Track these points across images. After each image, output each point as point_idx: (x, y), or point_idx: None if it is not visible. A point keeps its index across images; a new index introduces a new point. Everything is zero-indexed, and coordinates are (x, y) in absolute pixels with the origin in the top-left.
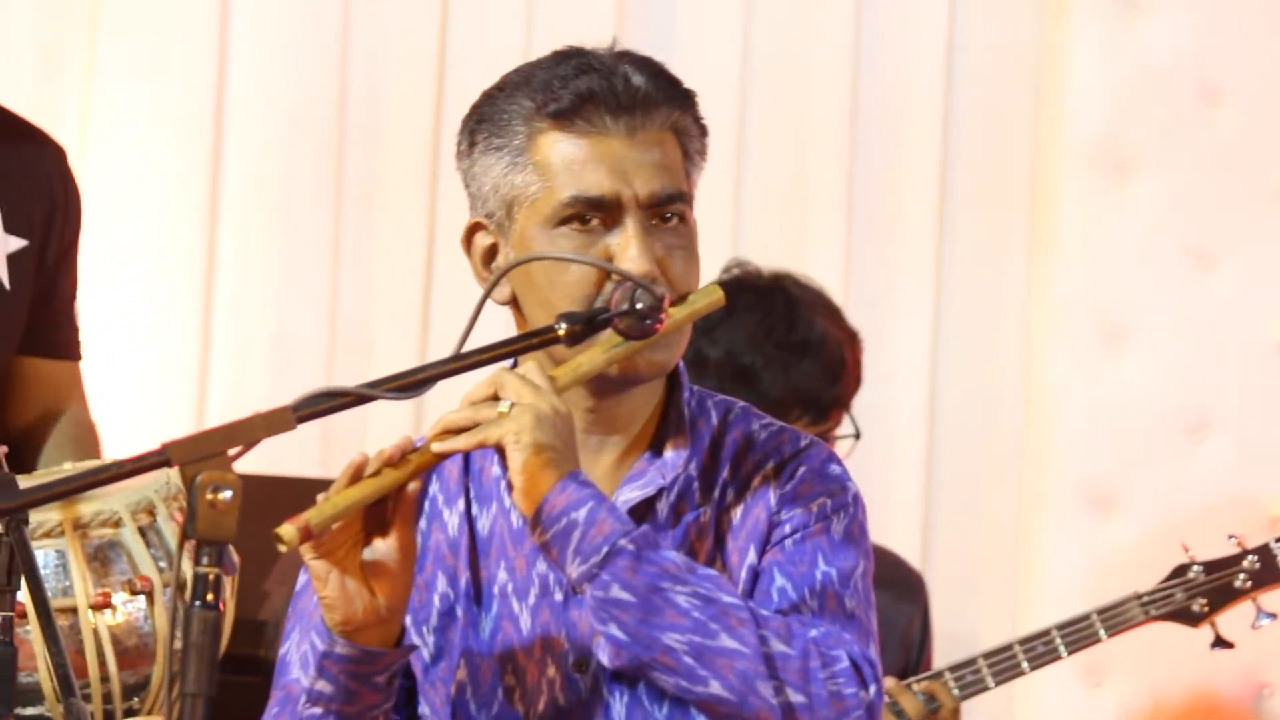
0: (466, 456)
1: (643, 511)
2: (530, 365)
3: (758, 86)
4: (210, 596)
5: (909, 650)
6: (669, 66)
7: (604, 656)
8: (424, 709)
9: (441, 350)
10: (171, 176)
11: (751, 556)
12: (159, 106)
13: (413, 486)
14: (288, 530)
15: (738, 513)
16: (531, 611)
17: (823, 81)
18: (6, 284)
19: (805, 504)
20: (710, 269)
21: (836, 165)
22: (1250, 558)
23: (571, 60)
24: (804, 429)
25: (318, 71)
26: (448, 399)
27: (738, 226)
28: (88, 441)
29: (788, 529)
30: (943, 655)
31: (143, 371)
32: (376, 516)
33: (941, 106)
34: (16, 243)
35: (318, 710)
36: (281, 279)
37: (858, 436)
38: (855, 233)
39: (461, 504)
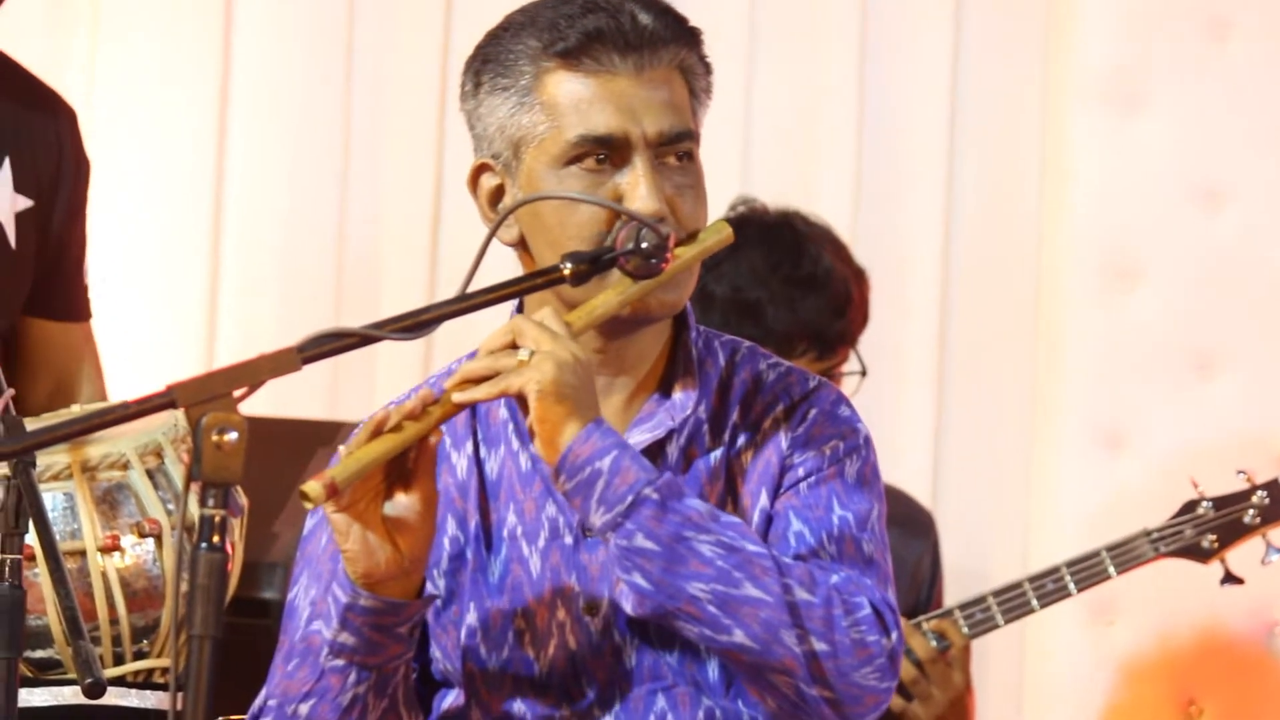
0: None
1: (653, 454)
2: (546, 311)
3: (765, 26)
4: (216, 538)
5: (919, 588)
6: (678, 4)
7: (628, 605)
8: (435, 652)
9: (450, 291)
10: (178, 119)
11: (764, 500)
12: (165, 52)
13: (434, 438)
14: (313, 487)
15: (749, 456)
16: (541, 554)
17: (831, 19)
18: (13, 243)
19: (818, 447)
20: (718, 208)
21: (844, 104)
22: (1260, 493)
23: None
24: (809, 365)
25: (325, 11)
26: (456, 340)
27: (746, 165)
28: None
29: (800, 473)
30: (953, 593)
31: (151, 314)
32: (398, 469)
33: (951, 44)
34: (24, 202)
35: (341, 662)
36: (289, 221)
37: (864, 374)
38: (864, 172)
39: (469, 447)
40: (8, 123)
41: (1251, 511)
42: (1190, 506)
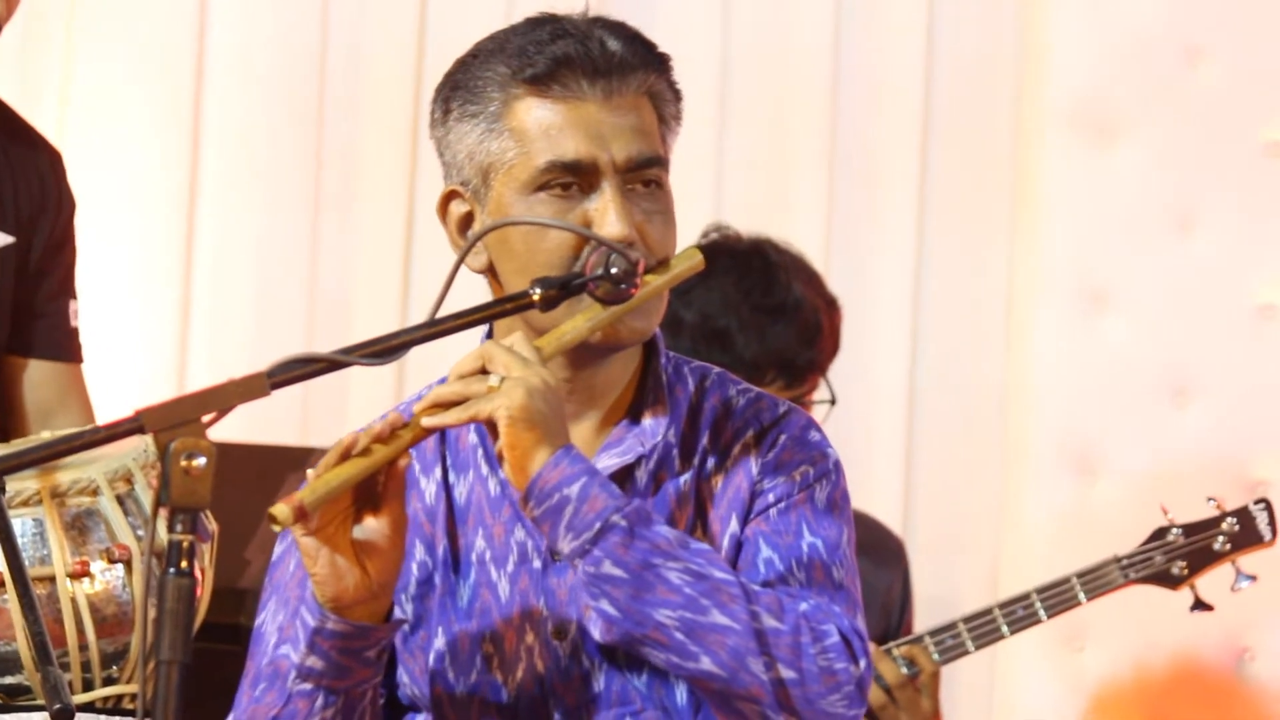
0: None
1: (622, 479)
2: (517, 336)
3: (739, 53)
4: (185, 564)
5: (889, 615)
6: (650, 32)
7: (596, 631)
8: (403, 677)
9: (421, 318)
10: (151, 147)
11: (733, 525)
12: (139, 78)
13: (403, 462)
14: (282, 510)
15: (718, 481)
16: (510, 579)
17: (804, 49)
18: None
19: (787, 473)
20: (690, 234)
21: (818, 132)
22: (1229, 520)
23: (546, 26)
24: (778, 393)
25: (298, 40)
26: (428, 365)
27: (719, 193)
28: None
29: (770, 498)
30: (923, 618)
31: (124, 341)
32: (367, 493)
33: (923, 71)
34: (3, 239)
35: (308, 686)
36: (261, 248)
37: (833, 402)
38: (837, 198)
39: (438, 472)
40: None
41: (1221, 538)
42: (1160, 533)
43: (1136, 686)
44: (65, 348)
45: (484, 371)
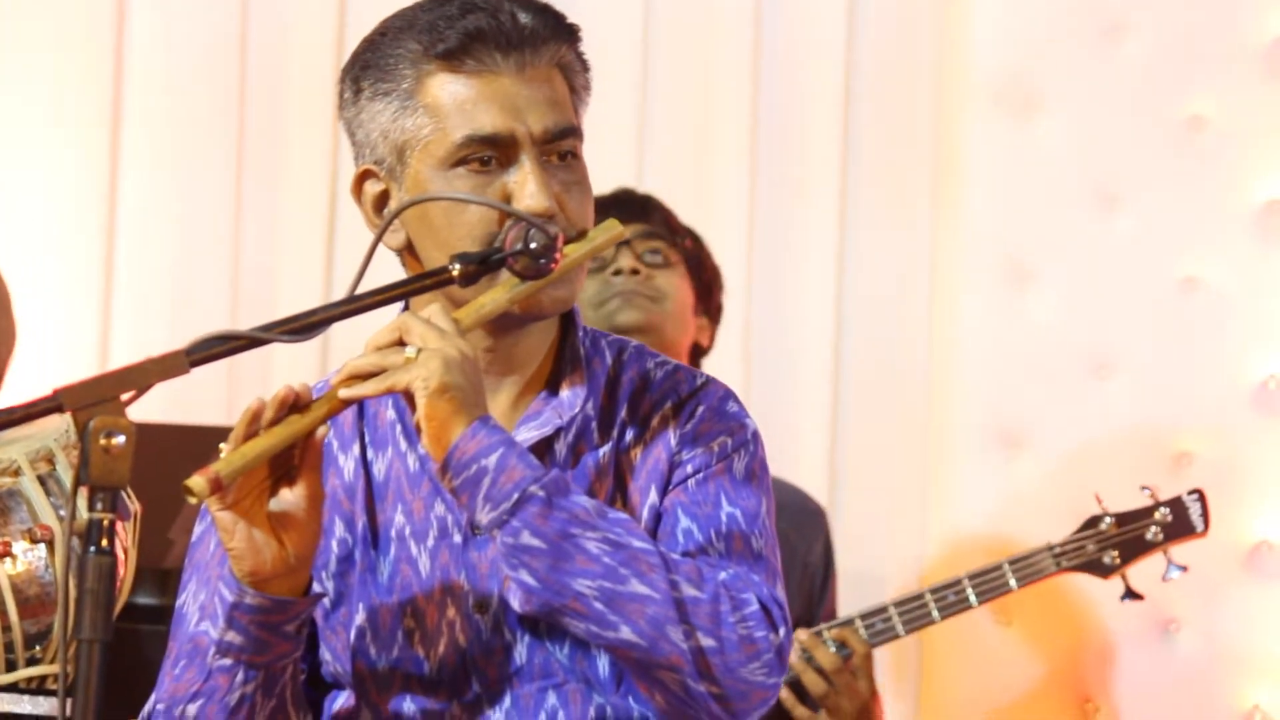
0: (361, 401)
1: (541, 451)
2: (434, 308)
3: (660, 32)
4: (105, 542)
5: (812, 578)
6: (568, 7)
7: (515, 602)
8: (325, 654)
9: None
10: (71, 126)
11: (653, 497)
12: (57, 66)
13: (320, 433)
14: (197, 482)
15: (637, 453)
16: (430, 554)
17: (725, 22)
18: None
19: (705, 444)
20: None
21: (739, 109)
22: (1162, 510)
23: (455, 1)
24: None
25: (218, 21)
26: (352, 342)
27: (641, 172)
28: None
29: (689, 469)
30: (852, 596)
31: (45, 322)
32: (283, 465)
33: (844, 46)
34: None
35: (228, 661)
36: (184, 226)
37: (695, 238)
38: (759, 172)
39: (357, 449)
40: None
41: (1154, 528)
42: (1093, 521)
43: (1062, 658)
44: None
45: (401, 343)
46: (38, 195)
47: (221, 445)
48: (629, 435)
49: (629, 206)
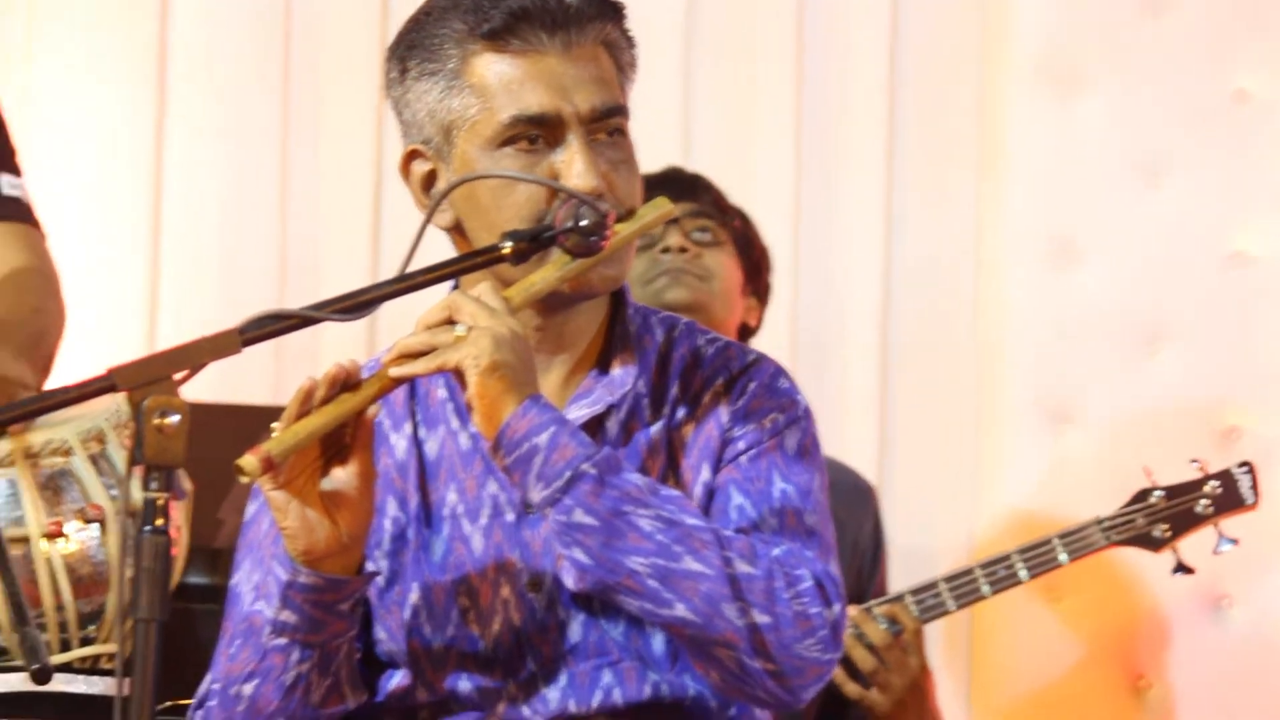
0: (412, 380)
1: (592, 430)
2: (484, 286)
3: (705, 9)
4: (160, 521)
5: (861, 555)
6: None
7: (569, 580)
8: (380, 633)
9: (392, 273)
10: (115, 108)
11: (705, 474)
12: (102, 41)
13: (371, 411)
14: (249, 461)
15: (689, 430)
16: (484, 533)
17: (770, 4)
18: None
19: (757, 420)
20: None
21: (784, 87)
22: (1212, 483)
23: None
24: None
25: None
26: (400, 321)
27: (687, 149)
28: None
29: (741, 446)
30: (902, 572)
31: (92, 300)
32: (335, 444)
33: (889, 25)
34: None
35: (283, 640)
36: (229, 206)
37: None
38: (804, 152)
39: (408, 427)
40: None
41: (1204, 501)
42: (1143, 495)
43: (1114, 635)
44: None
45: (451, 322)
46: (84, 177)
47: (273, 425)
48: (680, 412)
49: (678, 185)
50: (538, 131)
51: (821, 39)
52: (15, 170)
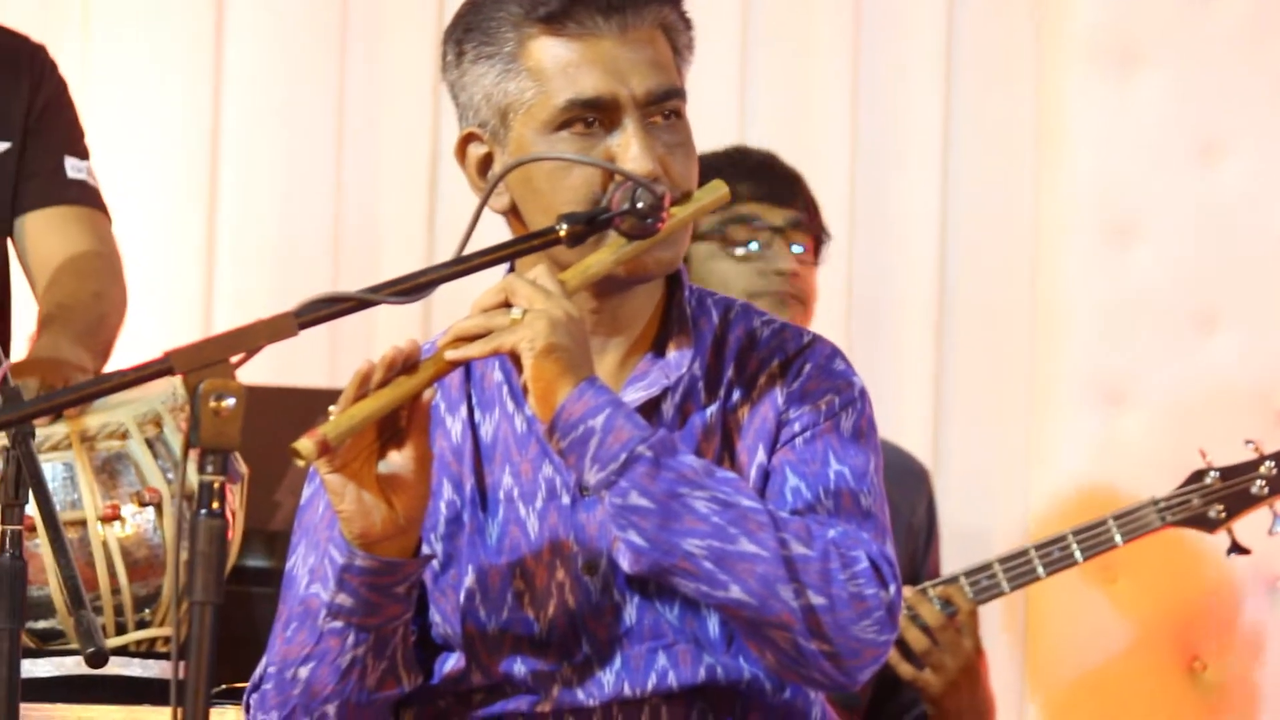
0: (468, 363)
1: (648, 412)
2: (540, 269)
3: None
4: (216, 505)
5: (915, 537)
6: None
7: (624, 562)
8: (435, 616)
9: (447, 256)
10: (172, 91)
11: (760, 456)
12: (158, 25)
13: (427, 395)
14: (305, 444)
15: (745, 412)
16: (539, 516)
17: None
18: None
19: (813, 402)
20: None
21: (840, 68)
22: (1268, 463)
23: None
24: (765, 210)
25: None
26: (455, 304)
27: (743, 130)
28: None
29: (797, 427)
30: (956, 554)
31: (148, 283)
32: (391, 427)
33: (945, 5)
34: (0, 145)
35: (339, 624)
36: (285, 189)
37: (829, 235)
38: (861, 132)
39: (464, 410)
40: None
41: (1260, 482)
42: (1198, 476)
43: (1169, 617)
44: (58, 194)
45: (507, 305)
46: (140, 161)
47: (331, 408)
48: (736, 394)
49: (778, 184)
50: (594, 115)
51: (879, 20)
52: (81, 154)
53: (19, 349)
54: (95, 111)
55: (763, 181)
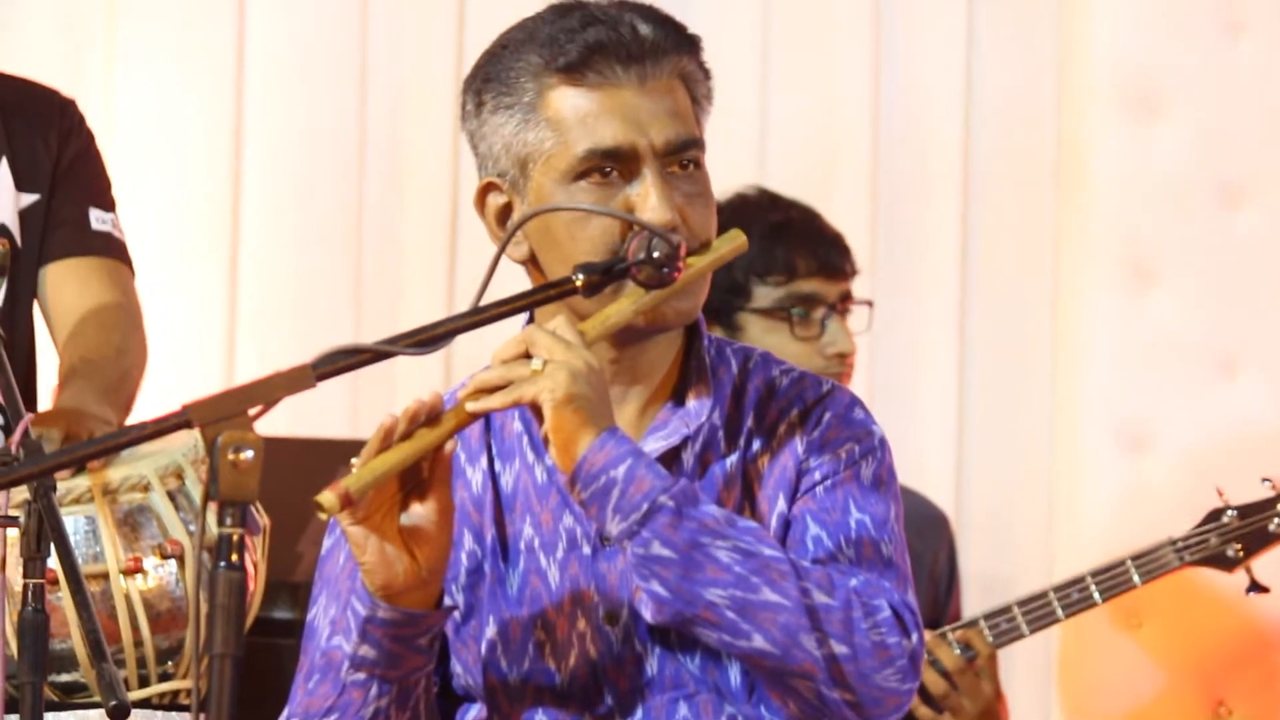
0: (487, 414)
1: (668, 462)
2: (560, 320)
3: (778, 34)
4: (235, 557)
5: (937, 584)
6: (690, 15)
7: (647, 613)
8: (456, 667)
9: (467, 306)
10: (192, 140)
11: (781, 505)
12: (180, 72)
13: (449, 446)
14: (328, 497)
15: (765, 461)
16: (560, 566)
17: (844, 34)
18: (19, 240)
19: (833, 450)
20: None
21: (859, 117)
22: None
23: (575, 13)
24: (820, 284)
25: (339, 35)
26: (476, 354)
27: (762, 174)
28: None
29: (817, 476)
30: (979, 599)
31: (169, 336)
32: (413, 479)
33: (965, 51)
34: (28, 198)
35: (361, 675)
36: (306, 240)
37: (870, 304)
38: (880, 176)
39: (484, 461)
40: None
41: (1277, 520)
42: (1215, 515)
43: (1194, 661)
44: (82, 245)
45: (527, 356)
46: (161, 212)
47: (353, 460)
48: (756, 444)
49: (832, 252)
50: (613, 165)
51: (897, 65)
52: (107, 205)
53: (45, 401)
54: (117, 162)
55: (818, 251)
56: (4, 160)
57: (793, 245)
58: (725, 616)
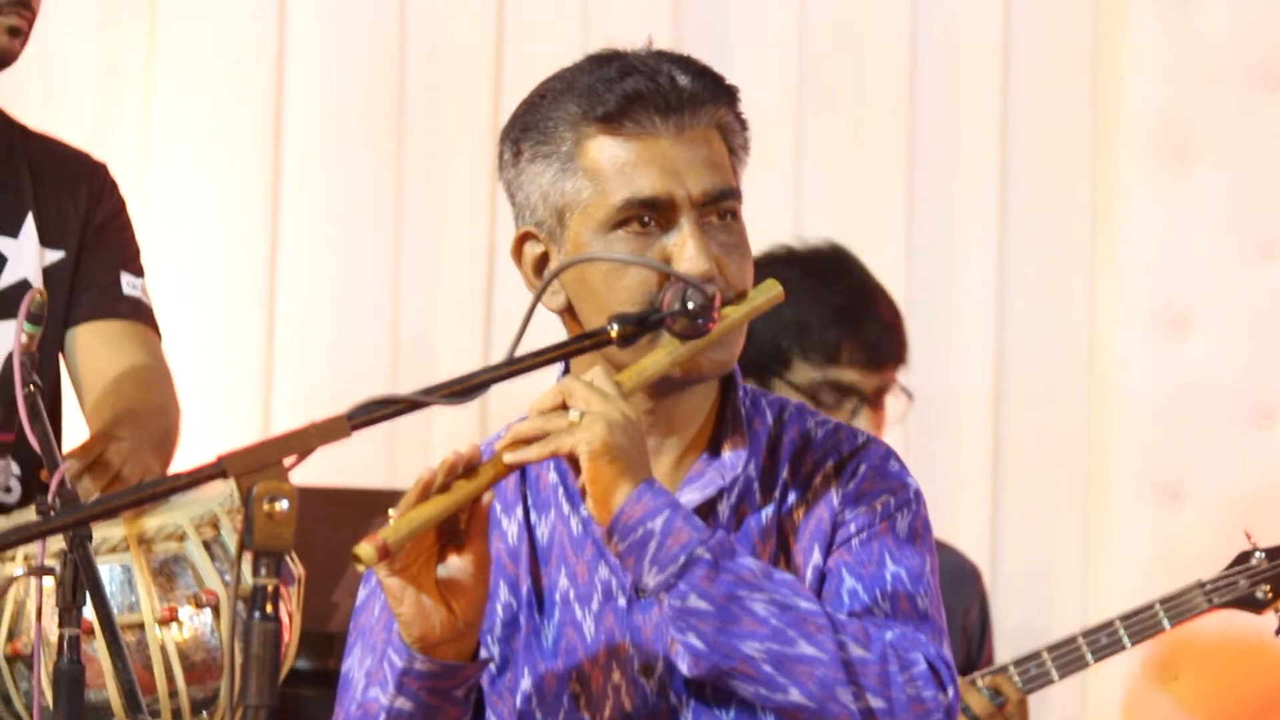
0: (524, 465)
1: (704, 513)
2: (596, 371)
3: (812, 97)
4: (269, 608)
5: (970, 639)
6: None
7: (683, 665)
8: (491, 719)
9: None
10: (232, 189)
11: (816, 557)
12: (219, 121)
13: (486, 498)
14: (365, 549)
15: (800, 513)
16: (595, 618)
17: (879, 83)
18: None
19: (868, 503)
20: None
21: (895, 166)
22: None
23: (613, 63)
24: (859, 374)
25: (376, 80)
26: (512, 404)
27: (798, 225)
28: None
29: (852, 529)
30: (1014, 648)
31: (207, 384)
32: (450, 531)
33: (1000, 97)
34: (53, 255)
35: None
36: (343, 289)
37: (911, 397)
38: (917, 223)
39: (520, 512)
40: (27, 183)
41: None
42: (1244, 557)
43: (1231, 712)
44: (112, 309)
45: (564, 407)
46: (199, 263)
47: (390, 511)
48: (791, 495)
49: (884, 344)
50: (650, 214)
51: (932, 112)
52: (137, 271)
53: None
54: (154, 213)
55: (867, 342)
56: (30, 216)
57: (844, 333)
58: (761, 670)
